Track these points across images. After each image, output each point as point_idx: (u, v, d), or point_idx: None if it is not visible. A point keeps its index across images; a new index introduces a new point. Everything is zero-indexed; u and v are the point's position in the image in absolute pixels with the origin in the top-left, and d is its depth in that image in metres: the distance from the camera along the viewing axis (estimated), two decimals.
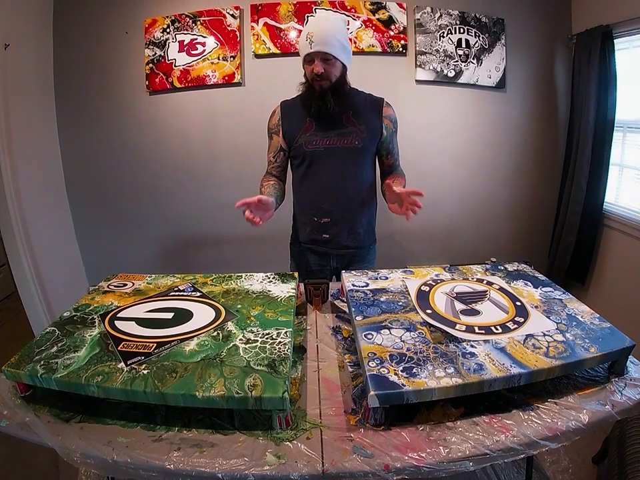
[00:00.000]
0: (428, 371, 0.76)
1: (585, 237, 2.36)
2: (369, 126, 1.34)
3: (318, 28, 1.22)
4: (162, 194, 2.56)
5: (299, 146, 1.35)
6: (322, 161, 1.35)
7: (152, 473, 0.68)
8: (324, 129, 1.33)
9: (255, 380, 0.75)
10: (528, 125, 2.53)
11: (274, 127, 1.40)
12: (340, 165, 1.34)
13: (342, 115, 1.32)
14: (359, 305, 1.02)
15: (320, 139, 1.33)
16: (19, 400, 0.83)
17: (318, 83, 1.26)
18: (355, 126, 1.33)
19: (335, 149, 1.33)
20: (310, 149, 1.34)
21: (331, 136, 1.32)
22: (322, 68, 1.23)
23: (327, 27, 1.23)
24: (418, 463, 0.67)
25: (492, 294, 1.07)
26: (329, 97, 1.26)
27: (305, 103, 1.33)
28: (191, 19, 2.29)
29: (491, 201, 2.63)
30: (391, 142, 1.41)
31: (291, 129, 1.37)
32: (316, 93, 1.28)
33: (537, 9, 2.39)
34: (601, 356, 0.82)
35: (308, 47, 1.21)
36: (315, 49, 1.20)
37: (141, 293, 1.12)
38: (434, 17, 2.33)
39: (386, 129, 1.37)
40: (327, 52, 1.21)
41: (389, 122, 1.37)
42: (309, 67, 1.26)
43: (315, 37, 1.19)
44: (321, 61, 1.22)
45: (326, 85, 1.26)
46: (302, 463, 0.67)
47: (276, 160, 1.43)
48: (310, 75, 1.27)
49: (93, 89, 2.38)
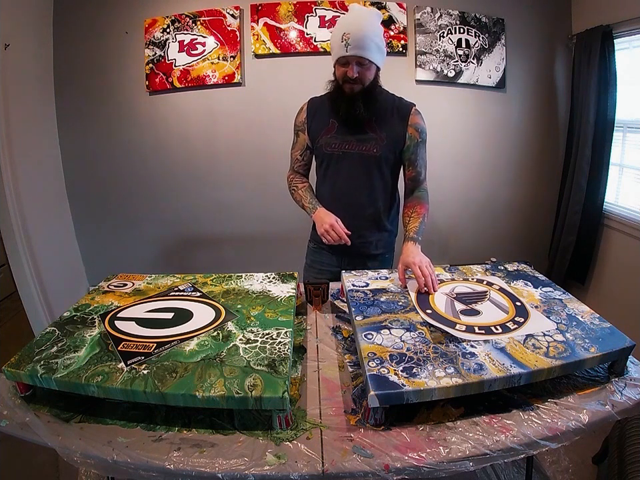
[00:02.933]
0: (428, 371, 0.76)
1: (585, 237, 2.35)
2: (391, 134, 1.27)
3: (355, 28, 1.12)
4: (162, 194, 2.56)
5: (320, 147, 1.32)
6: (338, 165, 1.31)
7: (152, 473, 0.68)
8: (345, 133, 1.27)
9: (254, 380, 0.75)
10: (528, 124, 2.53)
11: (300, 125, 1.36)
12: (356, 171, 1.30)
13: (366, 120, 1.25)
14: (359, 304, 1.02)
15: (339, 142, 1.28)
16: (18, 400, 0.83)
17: (349, 86, 1.20)
18: (376, 133, 1.27)
19: (352, 155, 1.28)
20: (328, 151, 1.30)
21: (350, 140, 1.27)
22: (357, 72, 1.16)
23: (364, 27, 1.13)
24: (418, 463, 0.67)
25: (492, 294, 1.07)
26: (359, 102, 1.20)
27: (332, 104, 1.27)
28: (191, 19, 2.29)
29: (491, 200, 2.63)
30: (414, 152, 1.31)
31: (314, 128, 1.32)
32: (345, 95, 1.22)
33: (536, 8, 2.39)
34: (601, 356, 0.82)
35: (344, 50, 1.13)
36: (351, 52, 1.13)
37: (141, 293, 1.12)
38: (434, 16, 2.33)
39: (410, 138, 1.29)
40: (364, 56, 1.14)
41: (414, 131, 1.28)
42: (342, 68, 1.19)
43: (352, 39, 1.11)
44: (356, 64, 1.15)
45: (357, 88, 1.20)
46: (302, 462, 0.67)
47: (303, 158, 1.40)
48: (341, 77, 1.20)
49: (93, 89, 2.38)
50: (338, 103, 1.24)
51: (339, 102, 1.23)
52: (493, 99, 2.46)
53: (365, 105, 1.21)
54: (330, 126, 1.29)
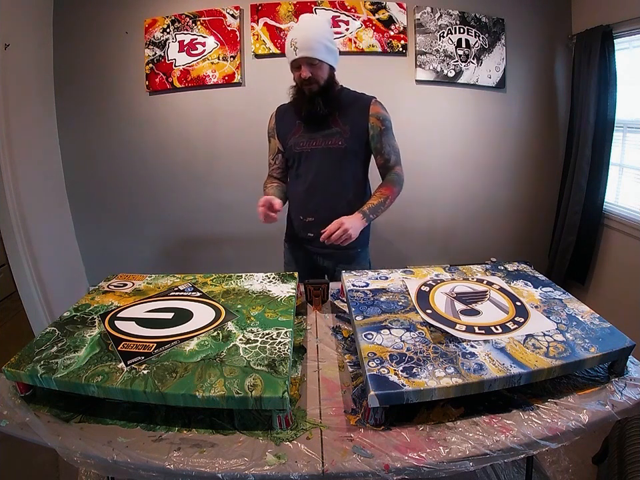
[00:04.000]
0: (428, 371, 0.76)
1: (585, 237, 2.35)
2: (354, 126, 1.34)
3: (301, 33, 1.23)
4: (162, 194, 2.56)
5: (290, 148, 1.40)
6: (308, 161, 1.38)
7: (152, 473, 0.68)
8: (311, 131, 1.36)
9: (254, 380, 0.75)
10: (528, 124, 2.53)
11: (271, 131, 1.46)
12: (324, 165, 1.37)
13: (329, 117, 1.34)
14: (359, 304, 1.02)
15: (307, 141, 1.36)
16: (19, 400, 0.83)
17: (307, 87, 1.28)
18: (340, 126, 1.34)
19: (320, 150, 1.35)
20: (298, 150, 1.38)
21: (317, 137, 1.35)
22: (309, 73, 1.24)
23: (310, 31, 1.23)
24: (418, 463, 0.67)
25: (492, 294, 1.07)
26: (318, 100, 1.28)
27: (296, 107, 1.37)
28: (191, 19, 2.29)
29: (491, 200, 2.63)
30: (379, 141, 1.36)
31: (283, 132, 1.42)
32: (306, 96, 1.30)
33: (536, 9, 2.39)
34: (601, 356, 0.82)
35: (293, 54, 1.23)
36: (299, 54, 1.22)
37: (141, 293, 1.12)
38: (434, 16, 2.33)
39: (372, 127, 1.34)
40: (311, 57, 1.23)
41: (376, 120, 1.34)
42: (297, 72, 1.29)
43: (299, 43, 1.21)
44: (307, 65, 1.24)
45: (315, 88, 1.28)
46: (302, 463, 0.67)
47: (275, 162, 1.48)
48: (298, 80, 1.30)
49: (93, 89, 2.38)
50: (299, 104, 1.33)
51: (301, 103, 1.33)
52: (493, 99, 2.46)
53: (324, 102, 1.29)
54: (297, 127, 1.38)
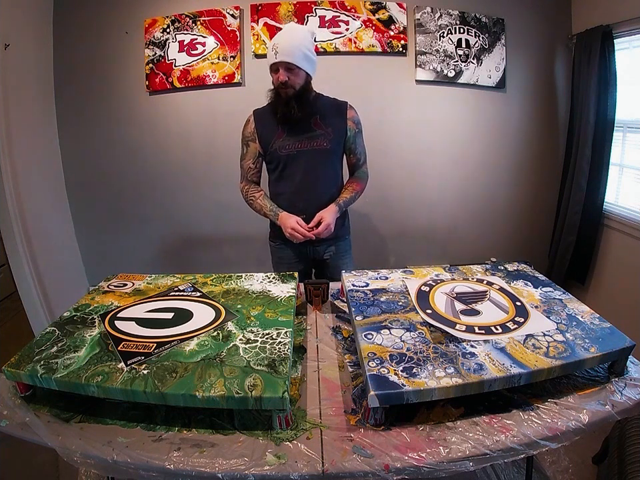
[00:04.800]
0: (428, 371, 0.76)
1: (585, 237, 2.35)
2: (335, 128, 1.44)
3: (283, 39, 1.31)
4: (162, 194, 2.56)
5: (274, 151, 1.44)
6: (295, 162, 1.44)
7: (152, 473, 0.68)
8: (295, 134, 1.42)
9: (255, 380, 0.75)
10: (528, 124, 2.53)
11: (250, 135, 1.48)
12: (311, 165, 1.44)
13: (310, 120, 1.41)
14: (359, 304, 1.02)
15: (292, 143, 1.42)
16: (18, 400, 0.83)
17: (283, 90, 1.35)
18: (323, 129, 1.42)
19: (307, 152, 1.42)
20: (284, 153, 1.43)
21: (302, 139, 1.42)
22: (286, 76, 1.32)
23: (291, 38, 1.32)
24: (418, 463, 0.67)
25: (492, 294, 1.07)
26: (292, 104, 1.35)
27: (274, 110, 1.41)
28: (191, 19, 2.29)
29: (491, 200, 2.63)
30: (354, 142, 1.49)
31: (265, 136, 1.45)
32: (282, 99, 1.36)
33: (536, 9, 2.39)
34: (601, 356, 0.82)
35: (273, 57, 1.31)
36: (279, 58, 1.30)
37: (141, 293, 1.12)
38: (434, 17, 2.32)
39: (349, 130, 1.46)
40: (290, 62, 1.30)
41: (352, 123, 1.47)
42: (275, 75, 1.36)
43: (280, 48, 1.29)
44: (285, 70, 1.32)
45: (290, 92, 1.35)
46: (302, 462, 0.67)
47: (256, 166, 1.52)
48: (276, 82, 1.36)
49: (93, 89, 2.38)
50: (276, 106, 1.40)
51: (277, 105, 1.39)
52: (493, 99, 2.46)
53: (299, 106, 1.36)
54: (280, 130, 1.43)
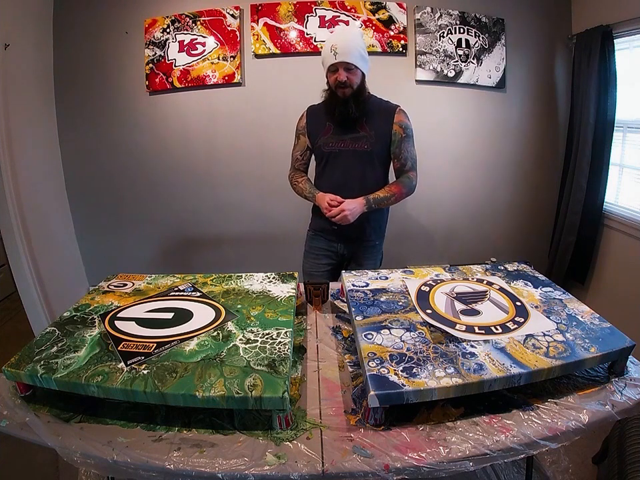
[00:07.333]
0: (428, 371, 0.76)
1: (585, 237, 2.35)
2: (379, 131, 1.46)
3: (341, 40, 1.34)
4: (162, 194, 2.56)
5: (319, 147, 1.51)
6: (336, 161, 1.49)
7: (152, 473, 0.68)
8: (340, 133, 1.46)
9: (255, 380, 0.75)
10: (528, 124, 2.53)
11: (302, 129, 1.55)
12: (351, 165, 1.48)
13: (358, 121, 1.44)
14: (359, 304, 1.02)
15: (336, 141, 1.47)
16: (18, 400, 0.83)
17: (341, 90, 1.39)
18: (367, 131, 1.45)
19: (347, 151, 1.46)
20: (327, 150, 1.49)
21: (345, 139, 1.46)
22: (345, 76, 1.36)
23: (348, 38, 1.35)
24: (418, 463, 0.67)
25: (492, 294, 1.07)
26: (351, 103, 1.39)
27: (328, 109, 1.46)
28: (191, 19, 2.29)
29: (491, 200, 2.63)
30: (399, 147, 1.48)
31: (314, 131, 1.52)
32: (339, 99, 1.40)
33: (536, 9, 2.39)
34: (601, 356, 0.82)
35: (332, 58, 1.34)
36: (339, 59, 1.33)
37: (141, 293, 1.12)
38: (434, 16, 2.32)
39: (394, 134, 1.47)
40: (349, 62, 1.34)
41: (398, 128, 1.47)
42: (333, 75, 1.39)
43: (339, 48, 1.32)
44: (344, 70, 1.35)
45: (348, 92, 1.39)
46: (302, 462, 0.67)
47: (303, 158, 1.59)
48: (334, 83, 1.39)
49: (93, 89, 2.38)
50: (333, 106, 1.43)
51: (334, 105, 1.42)
52: (493, 98, 2.46)
53: (356, 105, 1.40)
54: (327, 128, 1.48)
